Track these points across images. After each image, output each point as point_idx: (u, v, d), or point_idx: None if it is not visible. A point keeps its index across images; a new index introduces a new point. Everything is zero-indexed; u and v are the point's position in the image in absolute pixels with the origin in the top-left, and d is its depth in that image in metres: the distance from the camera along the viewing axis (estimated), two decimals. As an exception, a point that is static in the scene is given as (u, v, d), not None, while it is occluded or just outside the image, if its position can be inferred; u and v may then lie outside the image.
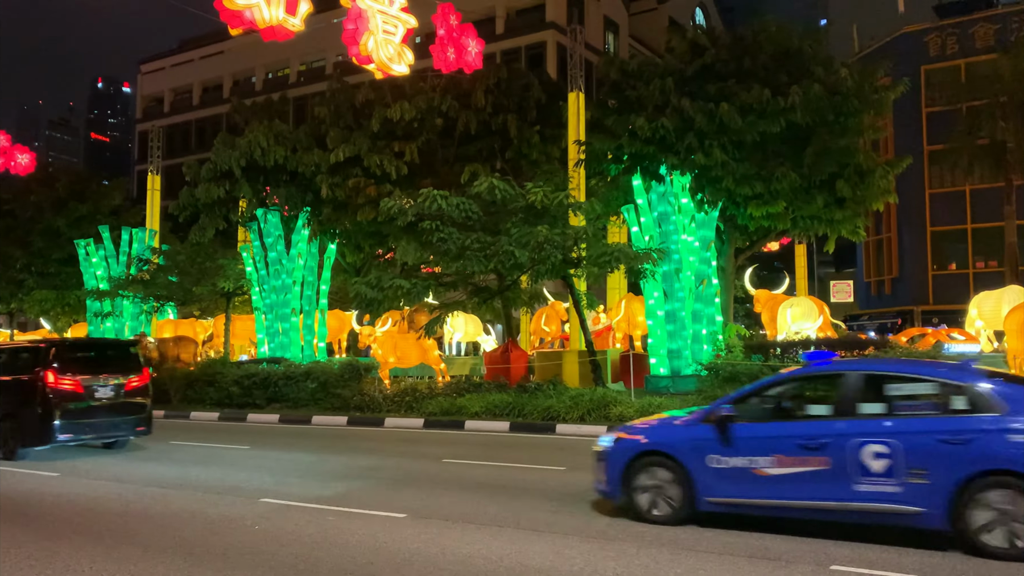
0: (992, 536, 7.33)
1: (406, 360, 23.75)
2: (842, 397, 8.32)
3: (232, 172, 25.64)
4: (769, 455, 8.35)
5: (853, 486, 7.90)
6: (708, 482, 8.68)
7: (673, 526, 8.80)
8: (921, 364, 9.11)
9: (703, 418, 9.02)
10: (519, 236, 18.14)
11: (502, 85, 24.81)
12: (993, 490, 7.35)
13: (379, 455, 15.17)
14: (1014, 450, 7.29)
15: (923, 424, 7.81)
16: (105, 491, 11.56)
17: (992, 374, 8.29)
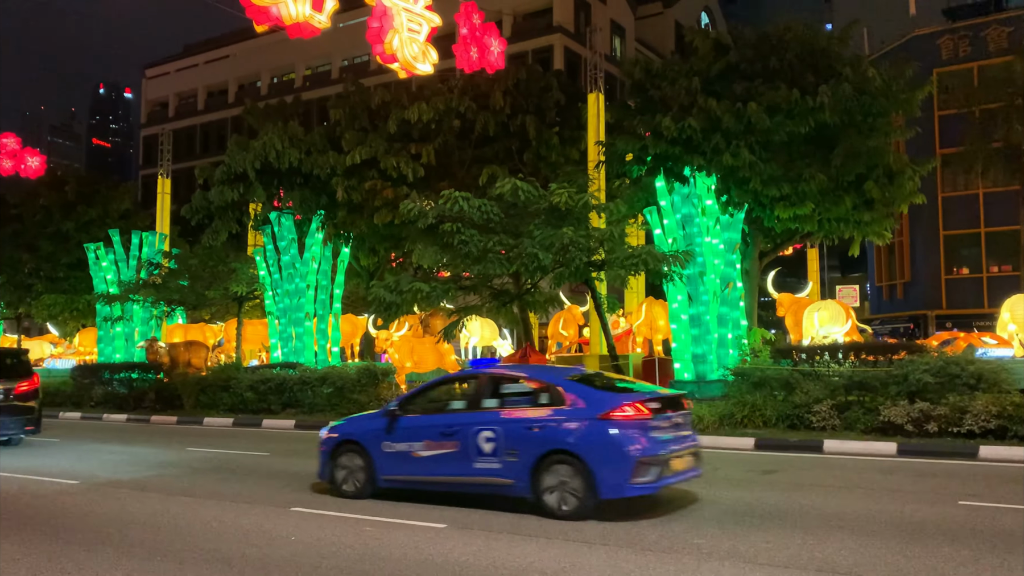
0: (551, 499, 9.52)
1: (423, 364, 23.40)
2: (473, 394, 10.66)
3: (246, 175, 25.31)
4: (421, 440, 10.50)
5: (473, 464, 10.01)
6: (383, 464, 10.82)
7: (361, 499, 10.90)
8: (526, 368, 11.81)
9: (382, 413, 11.24)
10: (542, 238, 17.78)
11: (520, 86, 24.47)
12: (552, 467, 9.52)
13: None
14: (568, 435, 9.51)
15: (518, 415, 9.95)
16: (130, 499, 11.23)
17: (582, 377, 10.53)
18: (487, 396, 10.36)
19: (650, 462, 9.32)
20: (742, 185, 19.83)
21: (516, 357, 23.44)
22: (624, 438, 9.29)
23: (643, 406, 9.52)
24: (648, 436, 9.43)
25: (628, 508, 9.71)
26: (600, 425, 9.38)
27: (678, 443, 9.83)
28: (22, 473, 13.78)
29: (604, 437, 9.33)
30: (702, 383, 19.90)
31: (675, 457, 9.69)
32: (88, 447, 18.04)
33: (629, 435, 9.31)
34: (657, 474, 9.40)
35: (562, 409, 9.69)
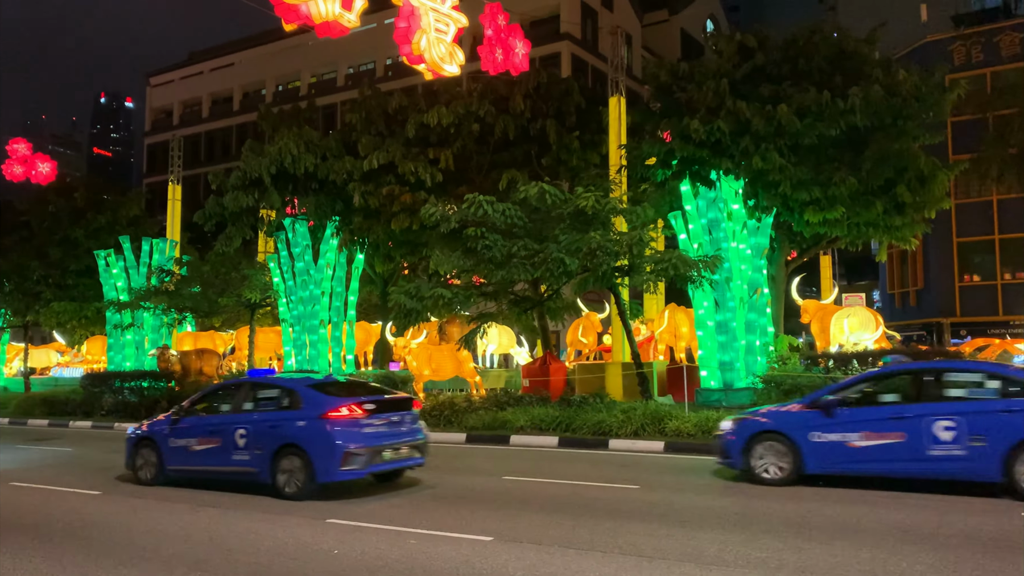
0: (281, 481, 11.56)
1: (441, 372, 23.02)
2: (237, 399, 12.67)
3: (261, 180, 24.96)
4: (195, 437, 12.57)
5: (232, 456, 12.05)
6: (169, 457, 12.90)
7: (154, 486, 12.95)
8: (278, 377, 13.62)
9: (171, 415, 13.48)
10: (568, 243, 17.46)
11: (541, 90, 24.14)
12: (286, 458, 11.50)
13: (432, 471, 14.42)
14: (296, 431, 11.55)
15: (263, 416, 12.07)
16: (158, 511, 10.87)
17: (317, 384, 12.40)
18: (247, 400, 12.55)
19: (358, 453, 11.35)
20: (771, 189, 19.48)
21: (536, 365, 23.12)
22: (336, 433, 11.33)
23: (358, 408, 11.59)
24: (359, 432, 11.49)
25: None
26: (319, 423, 11.42)
27: (394, 438, 11.92)
28: (42, 484, 13.42)
29: (321, 433, 11.36)
30: (729, 391, 19.51)
31: (388, 448, 11.76)
32: (103, 458, 17.69)
33: (340, 431, 11.35)
34: (364, 463, 11.46)
35: (296, 411, 11.79)
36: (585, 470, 14.19)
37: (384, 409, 11.94)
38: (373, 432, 11.64)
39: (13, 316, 36.50)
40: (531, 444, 17.96)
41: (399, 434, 12.02)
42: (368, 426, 11.62)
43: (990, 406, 10.85)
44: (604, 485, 12.41)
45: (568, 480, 12.92)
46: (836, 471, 11.65)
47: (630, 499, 11.20)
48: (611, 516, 9.98)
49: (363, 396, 12.01)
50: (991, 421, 10.68)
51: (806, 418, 11.83)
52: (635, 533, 9.01)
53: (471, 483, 12.92)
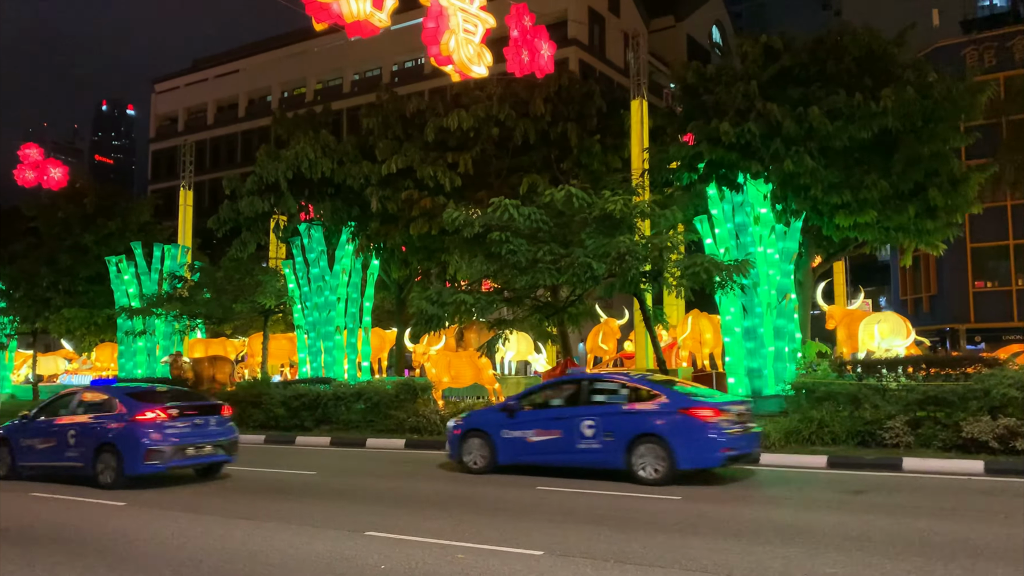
0: (101, 473, 13.56)
1: (460, 379, 22.67)
2: (71, 405, 14.67)
3: (277, 185, 24.65)
4: (38, 438, 14.48)
5: (66, 453, 14.04)
6: (18, 454, 14.84)
7: None
8: (105, 387, 15.29)
9: (22, 418, 15.48)
10: (595, 247, 17.11)
11: (562, 93, 23.84)
12: (104, 454, 13.52)
13: (461, 483, 14.09)
14: (110, 432, 13.50)
15: (91, 420, 13.98)
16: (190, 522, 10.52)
17: (136, 392, 14.62)
18: (79, 407, 14.53)
19: (161, 450, 13.31)
20: (802, 192, 19.14)
21: (556, 372, 22.76)
22: (140, 433, 13.32)
23: (163, 412, 13.64)
24: (163, 432, 13.45)
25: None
26: (129, 425, 13.40)
27: (198, 438, 13.85)
28: (64, 494, 13.09)
29: (128, 432, 13.34)
30: (758, 398, 19.12)
31: (191, 447, 13.71)
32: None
33: (145, 431, 13.34)
34: (167, 458, 13.43)
35: (112, 415, 13.77)
36: (619, 480, 13.84)
37: (190, 413, 14.03)
38: (176, 433, 13.64)
39: (22, 323, 36.08)
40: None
41: (204, 434, 14.00)
42: (172, 428, 13.61)
43: (619, 409, 13.38)
44: (645, 496, 12.07)
45: (604, 491, 12.57)
46: (519, 462, 14.15)
47: (675, 511, 10.85)
48: (657, 528, 9.64)
49: (170, 402, 14.05)
50: (618, 421, 13.18)
51: (500, 419, 14.44)
52: (696, 548, 8.67)
53: (506, 495, 12.57)
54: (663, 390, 13.35)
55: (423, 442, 19.73)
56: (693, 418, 12.63)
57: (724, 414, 12.88)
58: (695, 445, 12.54)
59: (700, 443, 12.52)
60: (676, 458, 12.54)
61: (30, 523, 10.86)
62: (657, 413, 12.92)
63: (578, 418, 13.39)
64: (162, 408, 13.66)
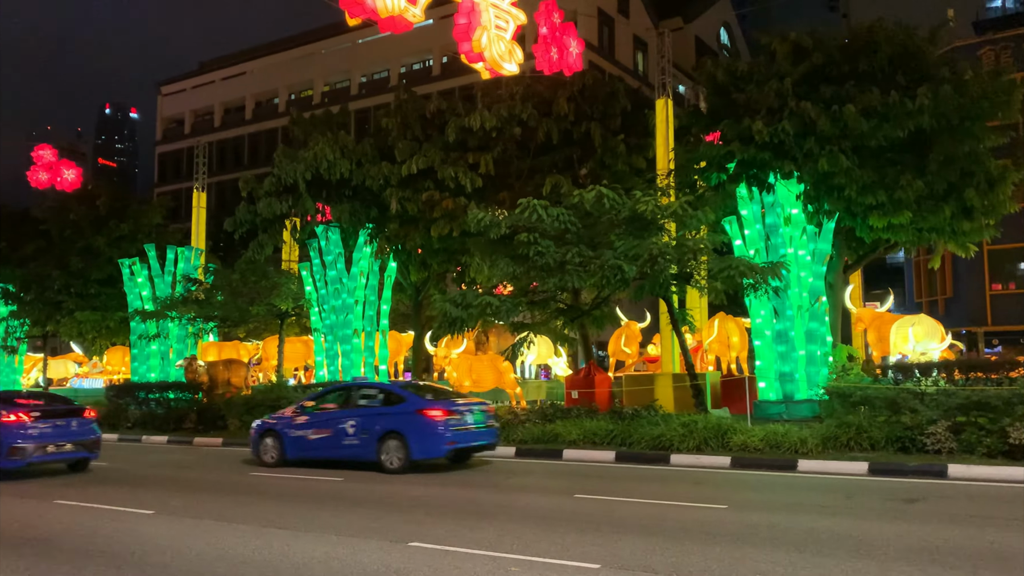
0: None
1: (482, 383, 22.31)
2: None
3: (296, 186, 24.32)
4: None
5: None
6: None
7: None
8: None
9: None
10: (625, 248, 16.78)
11: (586, 92, 23.47)
12: None
13: (495, 489, 13.75)
14: None
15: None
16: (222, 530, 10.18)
17: (6, 397, 16.57)
18: None
19: (23, 447, 14.94)
20: (836, 192, 18.76)
21: (580, 376, 22.42)
22: (4, 434, 14.92)
23: (24, 415, 15.21)
24: (24, 432, 14.99)
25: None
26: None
27: (59, 437, 15.44)
28: (98, 503, 12.74)
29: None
30: (790, 403, 18.78)
31: (52, 444, 15.30)
32: (143, 473, 17.04)
33: (6, 432, 14.91)
34: (27, 455, 15.01)
35: None
36: (657, 488, 13.49)
37: (52, 416, 15.71)
38: (38, 433, 15.28)
39: (32, 326, 35.73)
40: (586, 459, 17.26)
41: (66, 434, 15.68)
42: (33, 428, 15.25)
43: (374, 411, 15.87)
44: (688, 505, 11.72)
45: (645, 499, 12.23)
46: (302, 457, 16.38)
47: (722, 520, 10.47)
48: (712, 539, 9.27)
49: (33, 406, 15.84)
50: (372, 421, 15.60)
51: (288, 420, 16.80)
52: (759, 560, 8.31)
53: (544, 503, 12.22)
54: (408, 395, 15.91)
55: (446, 448, 19.38)
56: (425, 418, 15.08)
57: (453, 414, 15.36)
58: (426, 440, 15.07)
59: (430, 438, 15.06)
60: (411, 450, 15.02)
61: None
62: (400, 414, 15.38)
63: (344, 419, 15.95)
64: (25, 411, 15.43)
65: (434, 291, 31.24)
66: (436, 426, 15.02)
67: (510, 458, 18.10)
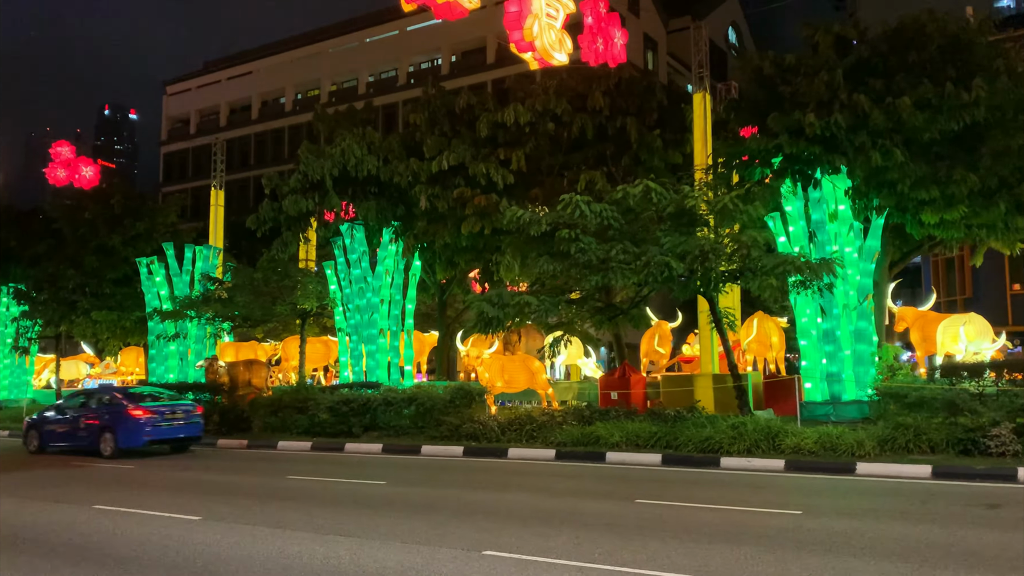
0: None
1: (514, 384, 21.80)
2: None
3: (322, 183, 23.80)
4: None
5: None
6: None
7: None
8: None
9: None
10: (672, 245, 16.29)
11: (621, 87, 22.94)
12: None
13: (549, 494, 13.27)
14: None
15: None
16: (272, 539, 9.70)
17: None
18: None
19: None
20: (888, 188, 18.26)
21: (615, 377, 21.94)
22: None
23: None
24: None
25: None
26: None
27: None
28: (145, 509, 12.25)
29: None
30: (837, 404, 18.28)
31: None
32: (175, 476, 16.55)
33: None
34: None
35: None
36: (718, 493, 12.98)
37: None
38: None
39: (45, 326, 35.10)
40: (631, 462, 16.77)
41: None
42: None
43: (98, 411, 20.13)
44: (760, 511, 11.22)
45: (711, 505, 11.74)
46: (54, 445, 20.71)
47: (806, 527, 9.99)
48: (805, 548, 8.80)
49: None
50: (95, 419, 19.92)
51: (49, 416, 21.24)
52: (864, 573, 7.82)
53: (609, 509, 11.71)
54: (125, 397, 20.48)
55: (482, 449, 18.91)
56: (130, 416, 19.40)
57: (154, 414, 19.64)
58: (129, 433, 19.34)
59: (133, 432, 19.32)
60: (117, 441, 19.33)
61: None
62: (113, 413, 19.72)
63: (80, 418, 20.26)
64: None
65: (458, 290, 30.92)
66: (137, 422, 19.31)
67: (550, 461, 17.62)
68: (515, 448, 18.54)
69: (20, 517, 11.71)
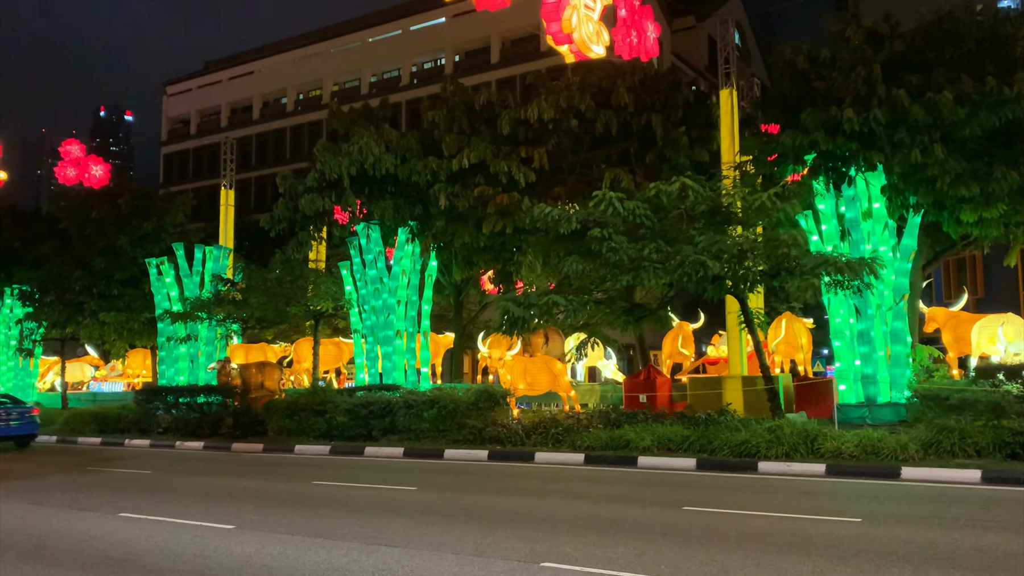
0: None
1: (536, 386, 21.36)
2: None
3: (339, 182, 23.32)
4: None
5: None
6: None
7: None
8: None
9: None
10: (707, 244, 15.87)
11: (647, 82, 22.48)
12: None
13: (589, 500, 12.82)
14: None
15: None
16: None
17: None
18: None
19: None
20: (927, 185, 17.85)
21: (640, 379, 21.52)
22: None
23: None
24: None
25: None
26: None
27: None
28: (164, 516, 11.79)
29: None
30: (872, 406, 17.86)
31: None
32: (192, 482, 16.07)
33: None
34: None
35: None
36: (765, 499, 12.57)
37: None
38: None
39: (51, 328, 34.48)
40: (664, 466, 16.33)
41: None
42: None
43: None
44: (818, 518, 10.81)
45: (763, 512, 11.31)
46: None
47: (871, 536, 9.56)
48: (882, 560, 8.37)
49: None
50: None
51: None
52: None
53: (658, 516, 11.28)
54: None
55: (508, 453, 18.49)
56: None
57: None
58: None
59: None
60: None
61: None
62: None
63: None
64: None
65: (474, 291, 30.49)
66: None
67: (579, 465, 17.19)
68: (542, 452, 18.11)
69: (46, 524, 11.26)
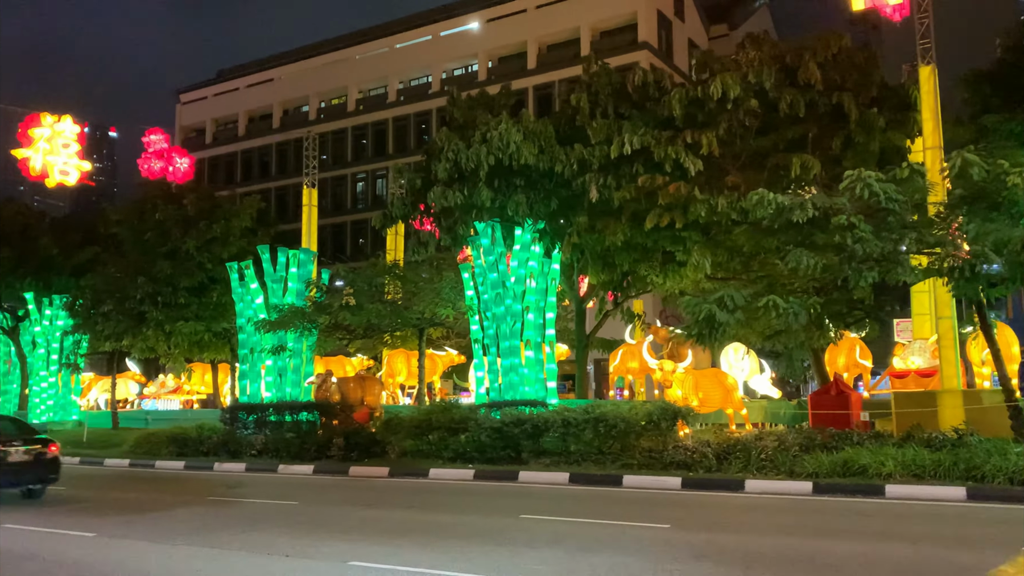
0: None
1: (709, 403, 18.87)
2: None
3: (475, 173, 20.77)
4: None
5: None
6: None
7: None
8: None
9: None
10: (979, 233, 13.46)
11: (839, 58, 20.02)
12: None
13: (882, 538, 10.21)
14: None
15: None
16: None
17: None
18: None
19: None
20: None
21: (828, 395, 19.04)
22: None
23: None
24: None
25: None
26: None
27: None
28: (408, 566, 9.13)
29: None
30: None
31: None
32: (365, 516, 13.39)
33: None
34: None
35: None
36: None
37: None
38: None
39: (106, 340, 31.41)
40: (922, 497, 13.78)
41: None
42: None
43: None
44: None
45: None
46: None
47: None
48: None
49: None
50: None
51: None
52: None
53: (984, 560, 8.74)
54: None
55: (705, 481, 15.89)
56: None
57: None
58: None
59: None
60: None
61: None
62: None
63: None
64: None
65: (597, 296, 27.82)
66: None
67: (808, 495, 14.62)
68: (753, 480, 15.54)
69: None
